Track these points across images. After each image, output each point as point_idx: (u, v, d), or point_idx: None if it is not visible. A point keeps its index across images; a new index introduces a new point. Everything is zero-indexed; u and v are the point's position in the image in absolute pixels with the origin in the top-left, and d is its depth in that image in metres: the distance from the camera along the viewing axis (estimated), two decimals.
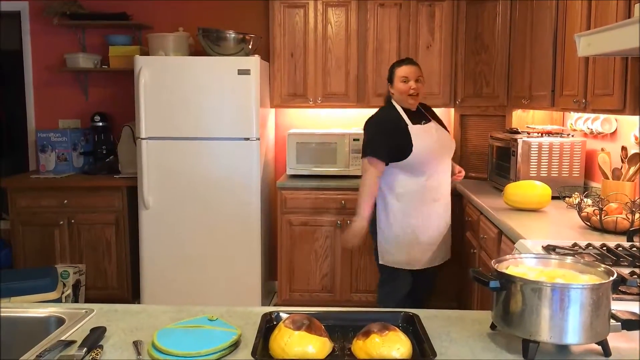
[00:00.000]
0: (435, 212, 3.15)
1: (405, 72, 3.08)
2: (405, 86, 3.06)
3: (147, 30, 4.49)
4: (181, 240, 3.93)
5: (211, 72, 3.85)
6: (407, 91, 3.06)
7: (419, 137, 3.02)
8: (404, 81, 3.06)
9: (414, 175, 3.05)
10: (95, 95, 4.67)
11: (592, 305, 1.22)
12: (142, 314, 1.54)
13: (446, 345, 1.33)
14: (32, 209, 4.14)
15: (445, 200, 3.20)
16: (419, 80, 3.10)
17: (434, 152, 3.06)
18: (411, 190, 3.07)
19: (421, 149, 3.00)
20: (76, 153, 4.49)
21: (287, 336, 1.23)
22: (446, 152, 3.15)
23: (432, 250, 3.19)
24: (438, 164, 3.09)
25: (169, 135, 3.88)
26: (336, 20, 4.21)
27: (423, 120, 3.12)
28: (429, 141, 3.04)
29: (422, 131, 3.05)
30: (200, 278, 3.93)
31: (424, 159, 3.02)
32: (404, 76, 3.07)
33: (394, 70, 3.13)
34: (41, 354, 1.24)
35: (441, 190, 3.15)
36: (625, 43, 1.84)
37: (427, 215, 3.12)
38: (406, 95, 3.07)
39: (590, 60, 2.61)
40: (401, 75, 3.08)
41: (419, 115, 3.15)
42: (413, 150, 2.98)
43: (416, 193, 3.08)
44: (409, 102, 3.09)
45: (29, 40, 4.64)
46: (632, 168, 2.79)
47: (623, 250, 2.09)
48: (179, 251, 3.93)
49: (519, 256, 1.47)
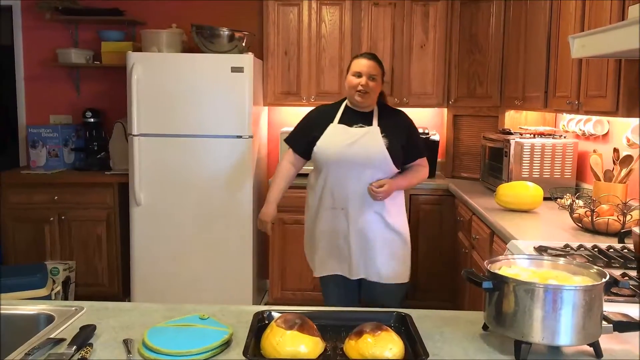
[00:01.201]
0: (333, 221, 2.74)
1: (360, 66, 2.70)
2: (355, 81, 2.69)
3: (140, 26, 4.46)
4: (173, 237, 3.91)
5: (204, 69, 3.83)
6: (354, 86, 2.68)
7: (330, 137, 2.70)
8: (355, 75, 2.70)
9: (319, 175, 2.76)
10: (87, 91, 4.64)
11: (584, 307, 1.22)
12: (133, 312, 1.53)
13: (439, 345, 1.32)
14: (23, 205, 4.11)
15: (352, 213, 2.70)
16: (374, 79, 2.70)
17: (338, 156, 2.66)
18: (316, 190, 2.79)
19: (323, 148, 2.69)
20: (67, 149, 4.46)
21: (279, 335, 1.23)
22: (364, 163, 2.66)
23: (333, 260, 2.78)
24: (345, 172, 2.67)
25: (161, 132, 3.86)
26: (330, 18, 4.21)
27: (360, 123, 2.72)
28: (339, 144, 2.67)
29: (340, 132, 2.70)
30: (191, 275, 3.91)
31: (324, 160, 2.70)
32: (357, 70, 2.70)
33: (350, 62, 2.79)
34: (30, 352, 1.23)
35: (347, 201, 2.69)
36: (620, 45, 1.84)
37: (325, 221, 2.76)
38: (353, 91, 2.69)
39: (583, 62, 2.62)
40: (355, 70, 2.71)
41: (362, 117, 2.74)
42: (315, 147, 2.71)
43: (318, 194, 2.77)
44: (355, 99, 2.70)
45: (20, 35, 4.60)
46: (624, 170, 2.80)
47: (614, 252, 2.09)
48: (171, 248, 3.92)
49: (512, 257, 1.47)
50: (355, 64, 2.73)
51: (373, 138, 2.67)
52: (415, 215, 4.02)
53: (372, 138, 2.67)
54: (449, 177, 4.30)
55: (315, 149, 2.71)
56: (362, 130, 2.68)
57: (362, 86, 2.67)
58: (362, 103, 2.71)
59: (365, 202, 2.70)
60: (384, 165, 2.68)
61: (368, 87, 2.67)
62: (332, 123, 2.72)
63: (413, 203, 4.01)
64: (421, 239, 4.04)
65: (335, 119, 2.74)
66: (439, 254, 4.04)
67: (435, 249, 4.05)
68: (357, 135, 2.67)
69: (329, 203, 2.74)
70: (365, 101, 2.70)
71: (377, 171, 2.68)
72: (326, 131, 2.71)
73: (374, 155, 2.66)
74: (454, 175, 4.30)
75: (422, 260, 4.05)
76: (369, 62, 2.71)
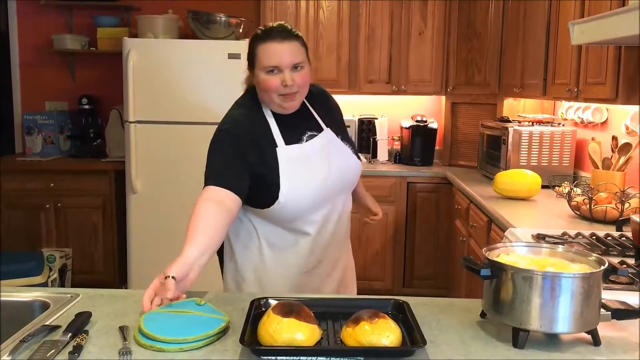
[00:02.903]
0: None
1: (274, 56, 1.68)
2: (273, 81, 1.69)
3: (136, 12, 4.42)
4: (169, 225, 3.90)
5: (201, 55, 3.80)
6: (275, 88, 1.69)
7: (292, 172, 1.72)
8: (269, 71, 1.69)
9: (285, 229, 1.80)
10: (83, 78, 4.61)
11: (582, 295, 1.22)
12: (128, 299, 1.52)
13: (436, 333, 1.32)
14: (18, 192, 4.09)
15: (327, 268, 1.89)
16: (301, 68, 1.70)
17: (317, 194, 1.75)
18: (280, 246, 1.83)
19: (291, 196, 1.71)
20: (63, 136, 4.43)
21: (275, 323, 1.22)
22: (345, 188, 1.88)
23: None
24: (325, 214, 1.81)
25: (157, 119, 3.83)
26: (328, 5, 4.17)
27: (307, 131, 1.81)
28: (312, 179, 1.74)
29: (299, 159, 1.75)
30: None
31: (296, 206, 1.73)
32: (271, 65, 1.68)
33: (255, 51, 1.73)
34: (25, 338, 1.22)
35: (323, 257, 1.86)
36: (620, 31, 1.83)
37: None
38: (274, 96, 1.71)
39: (583, 49, 2.60)
40: (266, 64, 1.69)
41: (301, 119, 1.81)
42: (280, 194, 1.70)
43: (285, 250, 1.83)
44: (283, 106, 1.73)
45: (15, 21, 4.56)
46: (622, 158, 2.80)
47: (612, 240, 2.09)
48: (167, 236, 3.90)
49: (510, 244, 1.47)
50: (264, 53, 1.69)
51: (336, 147, 1.84)
52: (413, 203, 4.01)
53: (335, 148, 1.84)
54: (447, 165, 4.29)
55: (281, 202, 1.70)
56: (317, 142, 1.80)
57: (286, 86, 1.69)
58: (293, 108, 1.76)
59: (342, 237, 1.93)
60: (357, 179, 1.95)
61: (295, 84, 1.69)
62: (277, 147, 1.73)
63: (410, 191, 4.01)
64: (418, 227, 4.04)
65: (275, 136, 1.75)
66: (436, 242, 4.04)
67: (432, 237, 4.05)
68: (317, 153, 1.78)
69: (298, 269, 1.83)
70: (296, 104, 1.76)
71: (349, 194, 1.93)
72: (280, 163, 1.72)
73: (351, 176, 1.89)
74: (451, 163, 4.29)
75: (418, 248, 4.06)
76: (288, 45, 1.69)
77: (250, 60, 1.76)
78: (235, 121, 1.79)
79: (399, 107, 4.54)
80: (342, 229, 1.91)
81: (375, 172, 4.00)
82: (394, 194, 3.99)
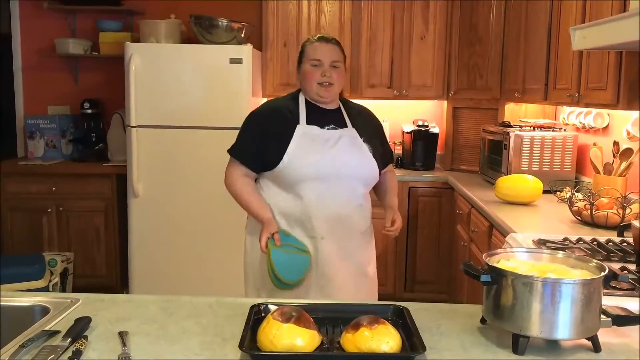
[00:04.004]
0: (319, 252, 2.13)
1: (318, 52, 2.15)
2: (315, 73, 2.13)
3: (139, 16, 4.43)
4: (171, 229, 3.90)
5: (203, 60, 3.81)
6: (315, 78, 2.13)
7: (302, 143, 2.09)
8: (314, 65, 2.14)
9: (285, 196, 2.15)
10: (85, 82, 4.62)
11: (583, 301, 1.21)
12: (128, 304, 1.52)
13: (436, 338, 1.32)
14: (20, 196, 4.09)
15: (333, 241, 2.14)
16: (337, 67, 2.15)
17: (320, 168, 2.08)
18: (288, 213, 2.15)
19: (297, 159, 2.07)
20: (65, 140, 4.44)
21: (275, 328, 1.22)
22: (352, 177, 2.15)
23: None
24: (327, 189, 2.10)
25: (159, 124, 3.84)
26: (330, 9, 4.18)
27: (332, 124, 2.16)
28: (317, 153, 2.09)
29: (314, 136, 2.11)
30: (189, 267, 3.91)
31: (298, 175, 2.08)
32: (315, 58, 2.14)
33: (304, 49, 2.21)
34: (24, 343, 1.22)
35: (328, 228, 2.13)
36: (621, 37, 1.83)
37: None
38: (313, 83, 2.14)
39: (584, 54, 2.60)
40: (312, 57, 2.15)
41: (331, 116, 2.19)
42: (284, 158, 2.07)
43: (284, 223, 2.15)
44: (319, 94, 2.15)
45: (18, 24, 4.57)
46: (624, 163, 2.79)
47: (613, 245, 2.08)
48: (169, 240, 3.91)
49: (511, 250, 1.46)
50: (311, 49, 2.17)
51: (354, 143, 2.16)
52: (414, 208, 4.01)
53: (354, 143, 2.16)
54: (448, 169, 4.29)
55: (285, 162, 2.07)
56: (337, 133, 2.15)
57: (324, 77, 2.13)
58: (327, 98, 2.16)
59: (352, 227, 2.19)
60: (371, 177, 2.21)
61: (332, 77, 2.14)
62: (298, 124, 2.13)
63: (412, 195, 4.00)
64: (420, 231, 4.03)
65: (300, 118, 2.15)
66: (437, 247, 4.04)
67: (433, 241, 4.04)
68: (339, 141, 2.13)
69: (300, 233, 2.13)
70: (330, 95, 2.16)
71: (362, 185, 2.19)
72: (295, 135, 2.10)
73: (363, 164, 2.16)
74: (453, 167, 4.29)
75: (420, 252, 4.05)
76: (330, 46, 2.17)
77: (300, 57, 2.22)
78: (271, 105, 2.26)
79: (401, 111, 4.54)
80: (352, 219, 2.18)
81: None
82: None
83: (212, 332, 1.34)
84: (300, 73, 2.21)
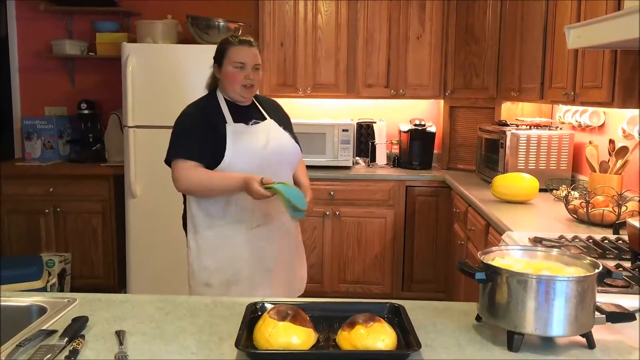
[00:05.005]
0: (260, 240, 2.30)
1: (242, 55, 2.27)
2: (239, 74, 2.26)
3: (135, 17, 4.44)
4: (168, 229, 3.90)
5: (199, 60, 3.79)
6: (240, 80, 2.27)
7: (238, 139, 2.23)
8: (238, 67, 2.26)
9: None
10: (82, 83, 4.62)
11: (577, 298, 1.22)
12: (125, 303, 1.53)
13: (432, 336, 1.32)
14: (18, 197, 4.09)
15: (277, 224, 2.33)
16: (258, 69, 2.31)
17: (258, 160, 2.23)
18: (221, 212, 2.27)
19: (239, 153, 2.21)
20: (62, 141, 4.44)
21: (271, 327, 1.22)
22: (283, 162, 2.33)
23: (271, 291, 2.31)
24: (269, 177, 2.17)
25: (156, 124, 3.84)
26: (326, 9, 4.18)
27: (253, 119, 2.32)
28: (253, 145, 2.24)
29: (244, 132, 2.26)
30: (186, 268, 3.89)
31: (242, 167, 2.19)
32: (239, 61, 2.26)
33: (226, 50, 2.29)
34: (21, 343, 1.22)
35: (271, 212, 2.29)
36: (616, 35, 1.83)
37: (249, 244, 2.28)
38: (238, 86, 2.28)
39: (579, 53, 2.61)
40: (235, 60, 2.27)
41: (250, 112, 2.35)
42: (226, 154, 2.20)
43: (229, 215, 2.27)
44: (241, 95, 2.30)
45: (15, 26, 4.57)
46: (620, 161, 2.80)
47: (609, 243, 2.09)
48: (166, 240, 3.91)
49: (505, 248, 1.47)
50: (234, 52, 2.27)
51: (278, 134, 2.34)
52: (411, 207, 4.02)
53: (278, 134, 2.34)
54: (445, 168, 4.30)
55: (226, 158, 2.20)
56: (261, 127, 2.31)
57: (248, 79, 2.27)
58: (249, 98, 2.35)
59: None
60: (296, 162, 2.41)
61: (254, 80, 2.30)
62: (226, 123, 2.25)
63: (409, 194, 4.01)
64: (417, 230, 4.04)
65: (225, 116, 2.28)
66: (434, 246, 4.04)
67: (431, 240, 4.05)
68: (265, 132, 2.30)
69: (246, 223, 2.26)
70: (251, 95, 2.35)
71: (292, 169, 2.39)
72: (228, 133, 2.23)
73: (290, 151, 2.36)
74: (450, 166, 4.30)
75: (417, 251, 4.06)
76: (253, 50, 2.30)
77: (220, 57, 2.31)
78: (196, 106, 2.35)
79: (398, 111, 4.54)
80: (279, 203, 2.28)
81: (374, 176, 4.01)
82: (392, 198, 4.00)
83: (209, 332, 1.35)
84: (221, 74, 2.30)
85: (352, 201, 3.99)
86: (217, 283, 2.28)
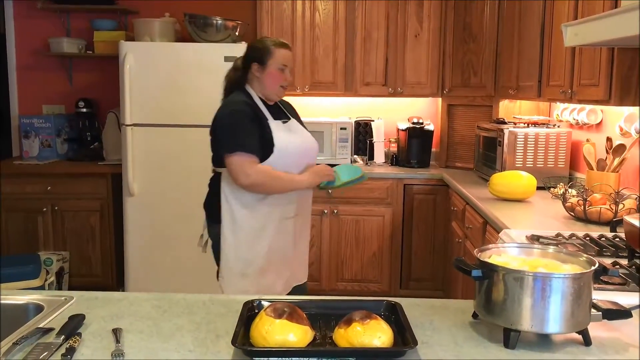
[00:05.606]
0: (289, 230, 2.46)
1: (287, 58, 2.43)
2: (281, 76, 2.41)
3: (133, 15, 4.43)
4: (166, 227, 3.90)
5: (197, 58, 3.81)
6: (281, 81, 2.42)
7: (281, 136, 2.36)
8: (281, 69, 2.40)
9: None
10: (80, 81, 4.61)
11: (573, 295, 1.22)
12: (122, 301, 1.53)
13: (428, 334, 1.32)
14: (15, 195, 4.09)
15: (305, 218, 2.56)
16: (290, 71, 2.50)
17: (299, 154, 2.42)
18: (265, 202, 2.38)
19: (285, 146, 2.35)
20: (60, 139, 4.44)
21: (268, 324, 1.22)
22: (312, 157, 2.53)
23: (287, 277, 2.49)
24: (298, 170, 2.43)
25: (154, 122, 3.84)
26: (324, 7, 4.18)
27: (283, 117, 2.48)
28: (292, 142, 2.40)
29: (283, 129, 2.41)
30: (184, 266, 3.91)
31: (289, 160, 2.36)
32: (284, 64, 2.41)
33: (272, 51, 2.40)
34: (18, 341, 1.22)
35: (303, 205, 2.51)
36: (613, 33, 1.84)
37: (282, 234, 2.43)
38: (276, 86, 2.42)
39: (577, 51, 2.61)
40: (281, 62, 2.40)
41: (277, 110, 2.50)
42: (275, 147, 2.32)
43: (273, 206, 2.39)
44: (278, 95, 2.46)
45: (12, 24, 4.56)
46: (617, 159, 2.81)
47: (606, 241, 2.10)
48: (164, 239, 3.91)
49: (502, 245, 1.47)
50: (281, 54, 2.41)
51: (304, 131, 2.53)
52: (409, 205, 4.02)
53: (304, 132, 2.53)
54: (443, 166, 4.30)
55: (277, 148, 2.32)
56: (291, 125, 2.48)
57: (287, 81, 2.44)
58: (280, 98, 2.52)
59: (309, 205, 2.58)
60: (316, 156, 2.60)
61: (290, 81, 2.49)
62: (268, 120, 2.38)
63: (407, 193, 4.01)
64: (415, 228, 4.04)
65: (265, 114, 2.40)
66: (432, 244, 4.05)
67: (428, 238, 4.05)
68: (296, 129, 2.48)
69: (280, 214, 2.41)
70: (284, 96, 2.54)
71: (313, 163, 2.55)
72: (272, 128, 2.36)
73: (315, 147, 2.56)
74: (448, 165, 4.30)
75: (415, 249, 4.06)
76: (291, 54, 2.48)
77: (261, 58, 2.39)
78: (243, 102, 2.38)
79: (396, 109, 4.54)
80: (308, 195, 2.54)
81: (372, 174, 4.00)
82: (390, 196, 4.00)
83: (206, 329, 1.35)
84: (265, 73, 2.39)
85: (350, 199, 3.99)
86: (252, 272, 2.38)
